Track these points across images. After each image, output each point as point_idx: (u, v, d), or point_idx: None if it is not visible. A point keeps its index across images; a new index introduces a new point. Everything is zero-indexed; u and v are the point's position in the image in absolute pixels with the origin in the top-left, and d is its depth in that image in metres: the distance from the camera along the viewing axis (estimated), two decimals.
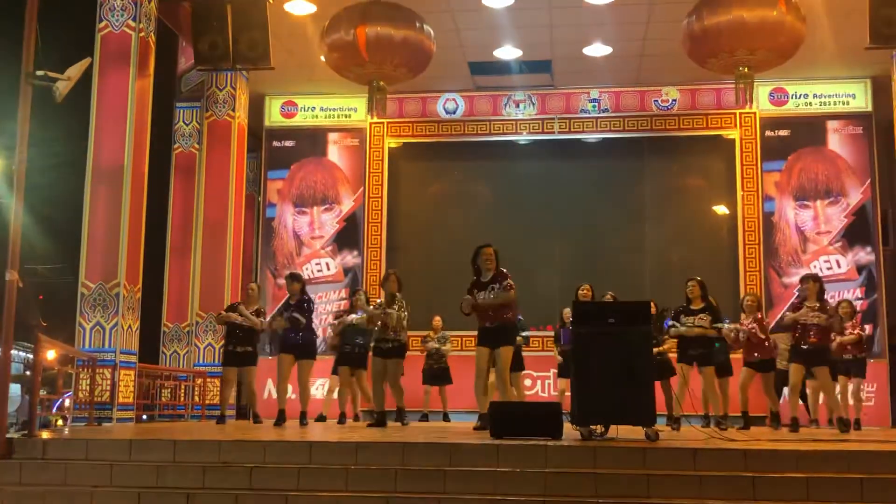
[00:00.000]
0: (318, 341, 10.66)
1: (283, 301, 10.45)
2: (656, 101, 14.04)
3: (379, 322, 9.53)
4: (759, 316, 10.50)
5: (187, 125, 12.85)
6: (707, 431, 8.45)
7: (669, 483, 5.59)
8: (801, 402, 10.44)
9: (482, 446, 6.11)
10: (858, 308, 12.48)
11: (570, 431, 7.18)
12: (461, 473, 5.72)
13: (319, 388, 12.78)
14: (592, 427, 7.03)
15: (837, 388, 11.18)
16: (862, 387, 11.36)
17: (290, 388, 10.16)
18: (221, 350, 10.90)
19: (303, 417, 9.88)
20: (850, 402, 11.07)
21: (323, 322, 13.19)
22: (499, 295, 8.19)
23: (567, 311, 11.48)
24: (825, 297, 9.76)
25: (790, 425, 9.60)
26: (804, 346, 9.37)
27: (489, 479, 5.67)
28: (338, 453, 6.04)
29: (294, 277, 10.04)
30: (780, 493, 5.46)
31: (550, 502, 5.49)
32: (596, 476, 5.65)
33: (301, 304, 9.77)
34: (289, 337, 9.75)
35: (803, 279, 9.86)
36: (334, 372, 11.78)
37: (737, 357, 10.38)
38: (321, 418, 11.55)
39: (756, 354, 10.16)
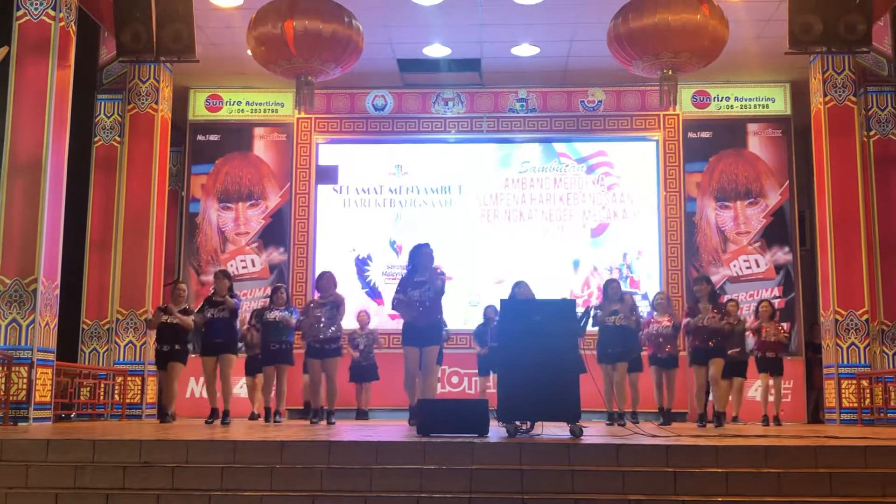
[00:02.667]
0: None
1: (206, 297, 10.29)
2: (583, 101, 14.19)
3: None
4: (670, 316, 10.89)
5: (108, 117, 12.57)
6: (630, 427, 8.58)
7: (593, 478, 5.65)
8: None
9: (408, 444, 6.11)
10: (776, 306, 12.83)
11: (496, 428, 7.23)
12: (387, 471, 5.71)
13: (243, 387, 12.60)
14: (518, 423, 7.10)
15: (756, 385, 11.49)
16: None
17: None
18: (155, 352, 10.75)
19: (225, 416, 9.74)
20: (770, 398, 11.30)
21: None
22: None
23: (491, 310, 11.61)
24: (717, 297, 10.17)
25: (712, 420, 9.78)
26: (706, 347, 9.64)
27: (415, 476, 5.66)
28: (262, 452, 5.97)
29: (224, 274, 10.00)
30: (700, 488, 5.57)
31: (476, 499, 5.52)
32: (521, 472, 5.68)
33: (234, 305, 9.85)
34: (209, 337, 9.78)
35: (697, 280, 10.14)
36: (248, 372, 11.66)
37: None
38: (254, 416, 11.44)
39: (667, 350, 10.49)
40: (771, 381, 11.22)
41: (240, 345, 11.82)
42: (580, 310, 9.98)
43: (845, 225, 11.64)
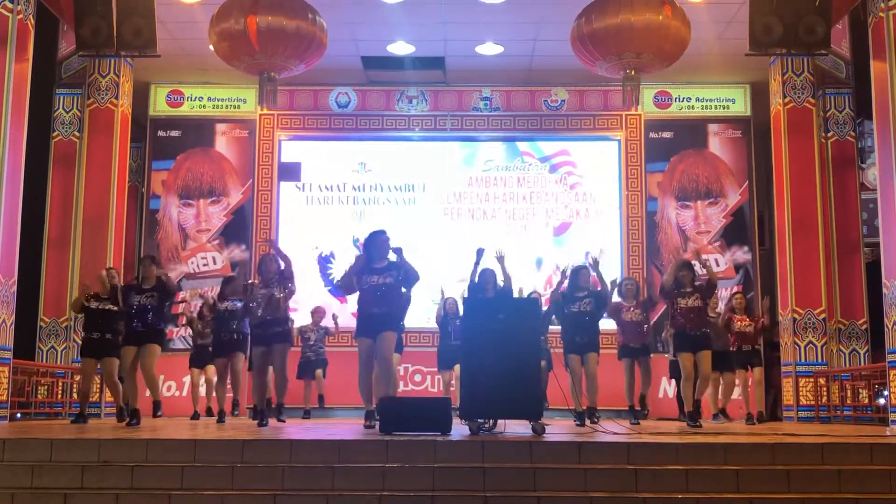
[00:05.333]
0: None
1: (129, 284, 9.35)
2: (546, 100, 14.25)
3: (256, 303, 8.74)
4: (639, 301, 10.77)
5: (68, 112, 12.39)
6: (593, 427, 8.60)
7: (555, 476, 5.68)
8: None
9: (371, 442, 6.10)
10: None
11: (459, 426, 7.24)
12: (350, 470, 5.69)
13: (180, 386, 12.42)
14: (481, 421, 7.11)
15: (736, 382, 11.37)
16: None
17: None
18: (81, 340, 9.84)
19: (157, 408, 8.84)
20: (752, 393, 11.04)
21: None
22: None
23: (451, 301, 11.47)
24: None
25: (688, 417, 9.38)
26: (691, 333, 9.02)
27: (378, 474, 5.66)
28: (223, 451, 5.93)
29: (151, 260, 9.18)
30: (660, 485, 5.62)
31: (439, 497, 5.52)
32: (484, 470, 5.70)
33: (165, 288, 8.92)
34: (131, 324, 8.83)
35: (681, 266, 9.58)
36: (194, 364, 11.42)
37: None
38: (196, 416, 11.25)
39: (633, 342, 10.32)
40: (752, 377, 10.72)
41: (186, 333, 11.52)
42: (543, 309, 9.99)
43: (803, 225, 11.80)
